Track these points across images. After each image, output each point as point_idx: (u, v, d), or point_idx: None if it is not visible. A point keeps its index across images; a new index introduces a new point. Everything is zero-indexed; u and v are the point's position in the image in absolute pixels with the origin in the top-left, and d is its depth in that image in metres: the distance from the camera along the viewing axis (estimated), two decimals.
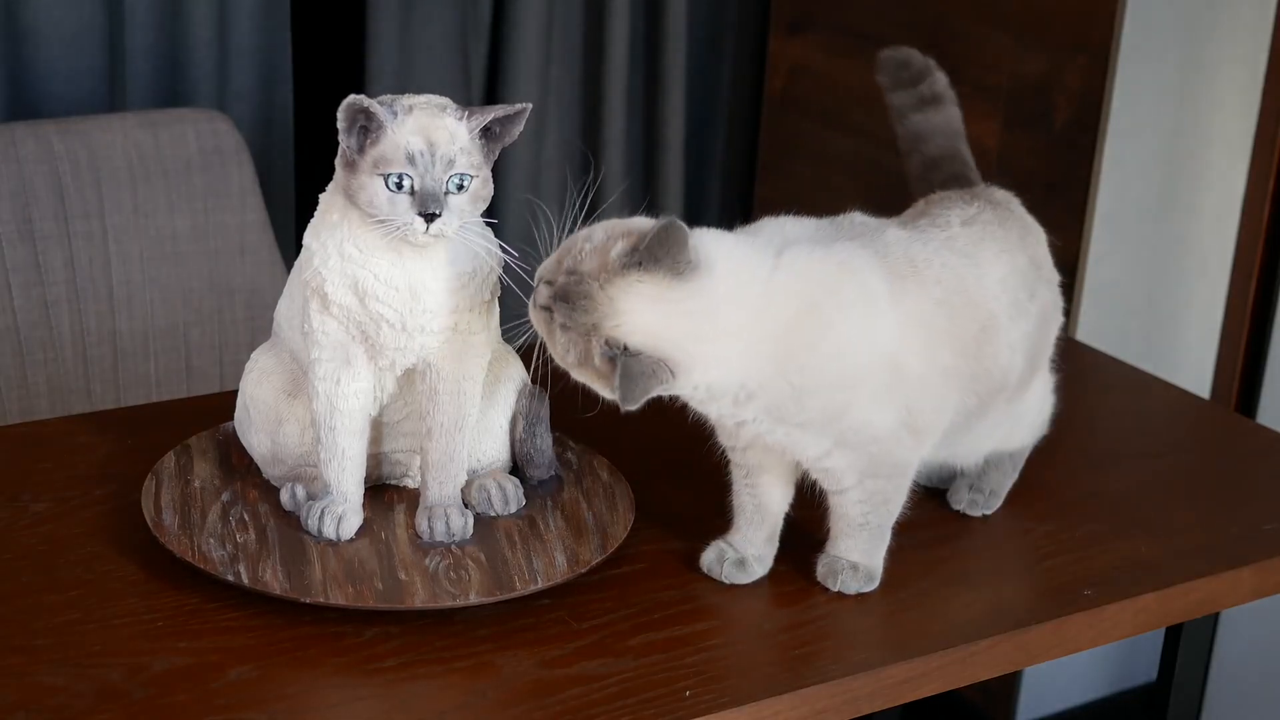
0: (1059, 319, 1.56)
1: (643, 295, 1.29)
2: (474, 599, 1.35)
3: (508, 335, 1.47)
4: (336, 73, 2.73)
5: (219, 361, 2.23)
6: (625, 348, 1.29)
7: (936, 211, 1.50)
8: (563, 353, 1.32)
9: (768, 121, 2.98)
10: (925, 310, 1.39)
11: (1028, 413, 1.57)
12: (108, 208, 2.17)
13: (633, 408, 1.31)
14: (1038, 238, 1.54)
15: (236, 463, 1.53)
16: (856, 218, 1.45)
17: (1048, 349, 1.56)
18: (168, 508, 1.44)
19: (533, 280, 1.38)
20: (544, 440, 1.53)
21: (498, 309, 1.45)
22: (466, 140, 1.36)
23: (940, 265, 1.41)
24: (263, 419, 1.48)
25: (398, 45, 2.62)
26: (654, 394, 1.31)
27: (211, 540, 1.40)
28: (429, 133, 1.34)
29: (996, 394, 1.47)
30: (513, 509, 1.49)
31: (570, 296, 1.30)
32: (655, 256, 1.29)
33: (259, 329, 2.16)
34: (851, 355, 1.36)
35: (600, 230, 1.33)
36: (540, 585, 1.38)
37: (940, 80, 1.65)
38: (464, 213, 1.36)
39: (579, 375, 1.33)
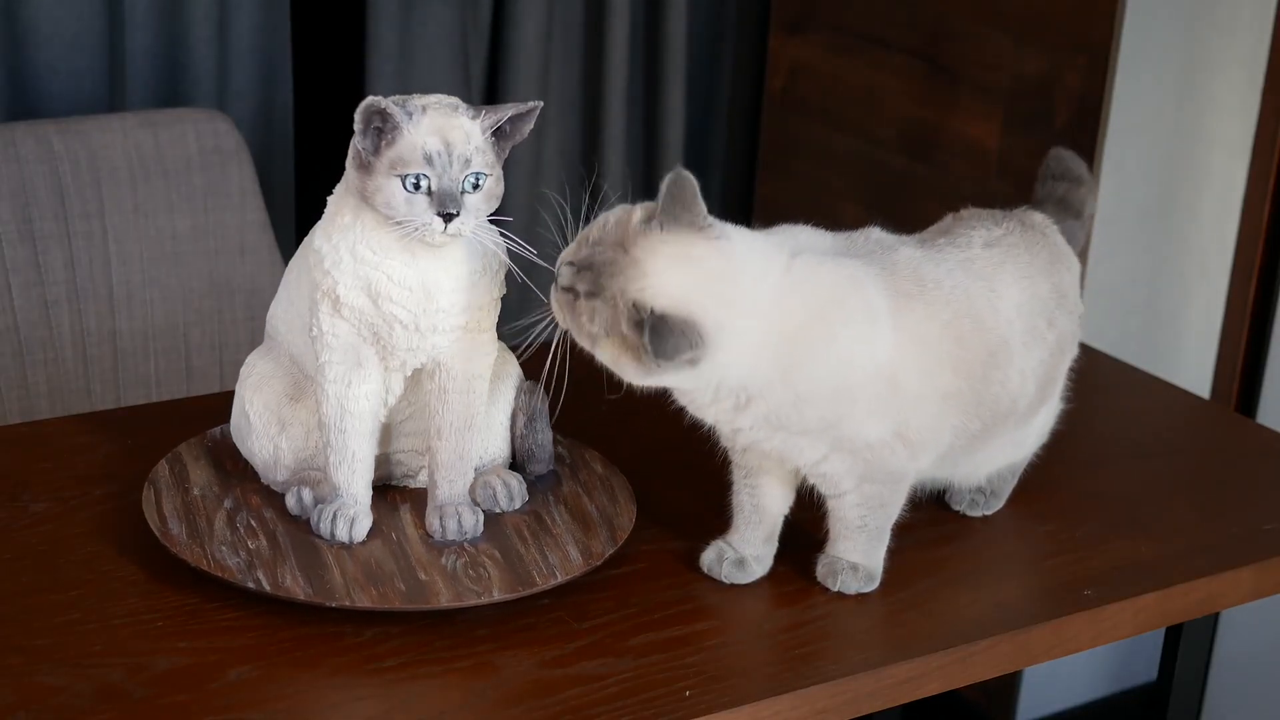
0: (1074, 349, 1.55)
1: (668, 254, 1.30)
2: (499, 595, 1.35)
3: (515, 334, 1.47)
4: (336, 73, 2.73)
5: (219, 361, 2.23)
6: (652, 311, 1.29)
7: (960, 230, 1.49)
8: (587, 324, 1.31)
9: (768, 121, 2.98)
10: (929, 331, 1.39)
11: (1031, 434, 1.57)
12: (108, 208, 2.17)
13: (663, 371, 1.30)
14: (1068, 266, 1.53)
15: (231, 468, 1.53)
16: (873, 234, 1.45)
17: (1060, 377, 1.55)
18: (171, 517, 1.43)
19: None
20: (544, 435, 1.53)
21: (500, 306, 1.45)
22: (481, 139, 1.36)
23: (951, 287, 1.41)
24: (264, 425, 1.47)
25: (398, 45, 2.62)
26: (684, 359, 1.29)
27: (224, 548, 1.39)
28: (445, 133, 1.34)
29: (1003, 419, 1.46)
30: (517, 504, 1.49)
31: (595, 265, 1.31)
32: (673, 212, 1.30)
33: (259, 329, 2.15)
34: (850, 369, 1.35)
35: (618, 210, 1.34)
36: (560, 579, 1.38)
37: (1089, 203, 1.61)
38: (479, 211, 1.36)
39: (603, 351, 1.32)
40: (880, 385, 1.36)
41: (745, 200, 3.06)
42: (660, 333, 1.28)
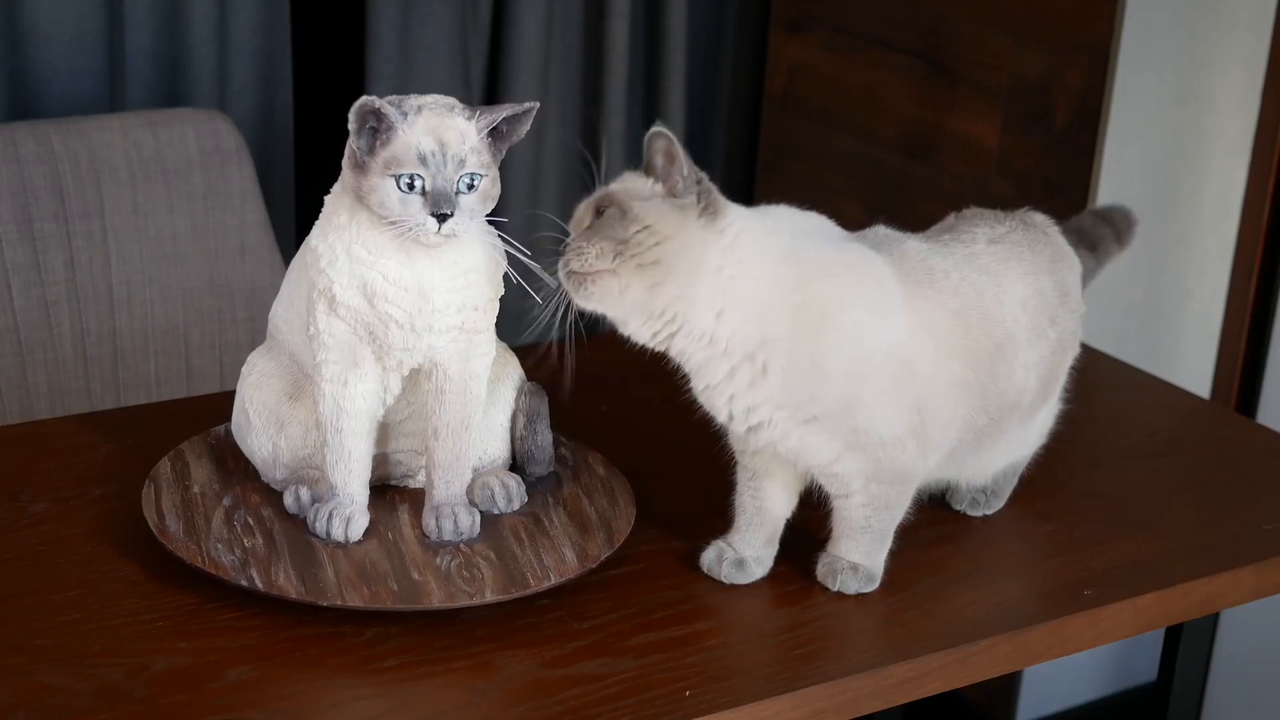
0: (1075, 349, 1.56)
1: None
2: (490, 597, 1.35)
3: (513, 334, 1.47)
4: (336, 73, 2.73)
5: (219, 361, 2.23)
6: (650, 129, 1.36)
7: (964, 228, 1.50)
8: (600, 223, 1.34)
9: (768, 121, 2.98)
10: (940, 319, 1.40)
11: (1032, 432, 1.57)
12: (108, 208, 2.17)
13: (691, 209, 1.34)
14: (1070, 265, 1.54)
15: (233, 466, 1.53)
16: (880, 230, 1.46)
17: (1062, 376, 1.56)
18: (170, 514, 1.43)
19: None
20: (544, 437, 1.53)
21: (498, 307, 1.45)
22: (476, 140, 1.36)
23: (959, 279, 1.42)
24: (263, 423, 1.47)
25: (398, 45, 2.62)
26: (701, 182, 1.34)
27: (219, 546, 1.39)
28: (440, 133, 1.34)
29: (1009, 414, 1.47)
30: (515, 506, 1.49)
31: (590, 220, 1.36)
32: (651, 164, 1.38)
33: (259, 329, 2.16)
34: (864, 339, 1.36)
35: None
36: (554, 581, 1.38)
37: (1109, 248, 1.66)
38: (474, 212, 1.36)
39: (632, 221, 1.33)
40: (894, 364, 1.37)
41: (745, 200, 3.04)
42: (655, 141, 1.35)
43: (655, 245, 1.32)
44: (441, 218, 1.33)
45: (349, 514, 1.42)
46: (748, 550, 1.45)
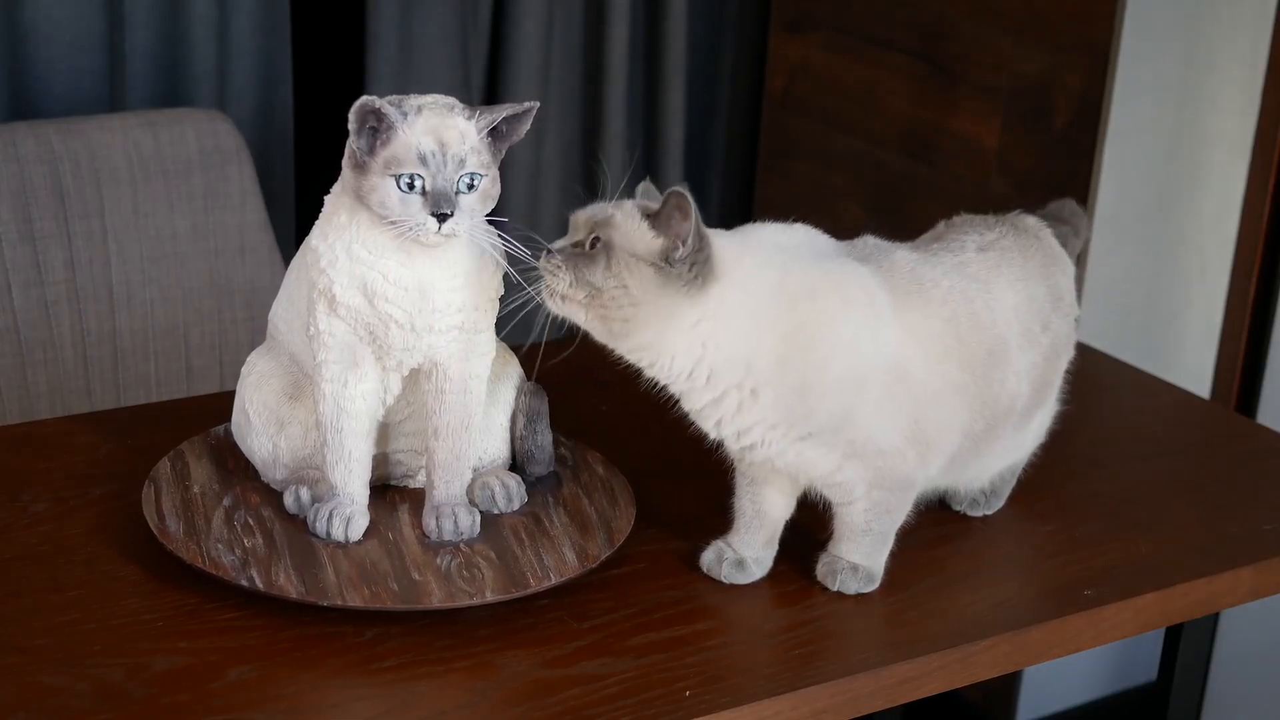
0: (1070, 352, 1.55)
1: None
2: (490, 597, 1.35)
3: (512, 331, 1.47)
4: (336, 73, 2.73)
5: (219, 361, 2.23)
6: (667, 191, 1.32)
7: (953, 236, 1.50)
8: (588, 268, 1.32)
9: (768, 121, 2.98)
10: (931, 327, 1.40)
11: (1029, 436, 1.57)
12: (108, 208, 2.17)
13: (677, 278, 1.31)
14: (1063, 269, 1.54)
15: (233, 467, 1.53)
16: (870, 240, 1.46)
17: (1057, 380, 1.55)
18: (170, 514, 1.43)
19: (533, 281, 1.38)
20: (544, 437, 1.53)
21: (498, 307, 1.45)
22: (476, 139, 1.36)
23: (949, 287, 1.42)
24: (263, 423, 1.48)
25: (398, 45, 2.62)
26: (703, 246, 1.31)
27: (220, 546, 1.39)
28: (440, 133, 1.34)
29: (1003, 421, 1.47)
30: (515, 506, 1.49)
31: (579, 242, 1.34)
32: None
33: (259, 329, 2.15)
34: (855, 352, 1.36)
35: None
36: (555, 581, 1.38)
37: (1072, 248, 1.63)
38: (474, 212, 1.36)
39: (615, 273, 1.31)
40: (888, 374, 1.37)
41: (745, 200, 3.06)
42: (674, 198, 1.30)
43: (628, 305, 1.32)
44: (442, 217, 1.33)
45: (349, 514, 1.42)
46: (747, 551, 1.45)
